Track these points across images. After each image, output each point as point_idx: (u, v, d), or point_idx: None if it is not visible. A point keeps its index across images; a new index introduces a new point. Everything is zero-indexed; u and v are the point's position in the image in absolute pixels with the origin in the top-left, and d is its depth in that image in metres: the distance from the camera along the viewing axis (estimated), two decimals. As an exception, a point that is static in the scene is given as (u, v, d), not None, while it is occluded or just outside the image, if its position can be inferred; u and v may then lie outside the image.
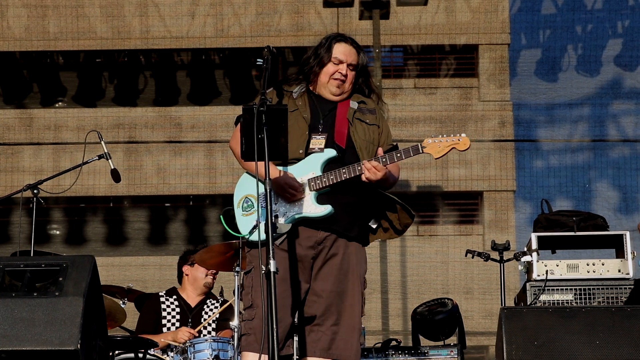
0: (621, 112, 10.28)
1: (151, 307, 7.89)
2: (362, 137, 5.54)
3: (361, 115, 5.61)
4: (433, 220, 10.45)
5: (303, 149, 5.47)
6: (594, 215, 7.61)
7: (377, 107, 5.70)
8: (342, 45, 5.64)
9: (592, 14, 10.31)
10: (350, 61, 5.61)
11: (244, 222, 5.49)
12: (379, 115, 5.67)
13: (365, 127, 5.59)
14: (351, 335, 5.50)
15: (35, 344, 4.98)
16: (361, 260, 5.63)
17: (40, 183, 7.17)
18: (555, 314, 6.24)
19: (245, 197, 5.53)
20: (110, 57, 10.67)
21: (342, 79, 5.59)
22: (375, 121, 5.62)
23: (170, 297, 7.94)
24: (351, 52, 5.63)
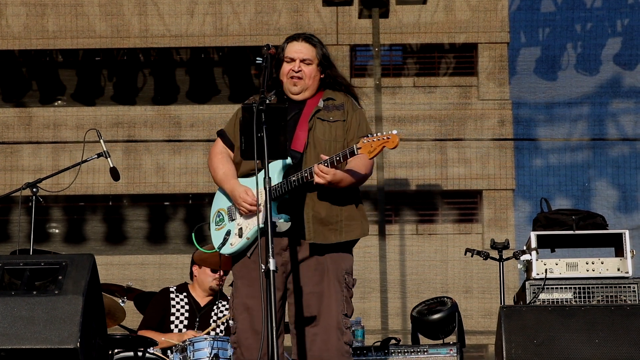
0: (620, 110, 10.28)
1: (160, 301, 7.85)
2: (321, 137, 5.58)
3: (325, 113, 5.64)
4: (432, 219, 10.44)
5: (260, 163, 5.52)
6: (593, 214, 7.61)
7: (346, 100, 5.71)
8: (293, 44, 5.71)
9: (591, 12, 10.30)
10: (303, 57, 5.66)
11: (215, 236, 5.66)
12: (348, 109, 5.68)
13: (327, 125, 5.62)
14: (330, 335, 5.51)
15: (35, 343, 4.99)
16: (337, 259, 5.62)
17: (40, 182, 7.17)
18: (554, 313, 6.25)
19: (217, 211, 5.69)
20: (109, 56, 10.66)
21: (297, 75, 5.64)
22: (340, 117, 5.64)
23: (181, 294, 7.90)
24: (303, 48, 5.69)
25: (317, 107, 5.66)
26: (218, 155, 5.77)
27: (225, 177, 5.67)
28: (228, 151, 5.77)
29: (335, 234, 5.59)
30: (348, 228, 5.61)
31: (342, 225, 5.60)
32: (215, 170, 5.73)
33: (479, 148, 10.25)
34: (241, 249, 5.58)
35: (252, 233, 5.53)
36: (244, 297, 5.56)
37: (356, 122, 5.68)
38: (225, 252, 5.64)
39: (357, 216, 5.64)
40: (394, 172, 10.26)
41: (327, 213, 5.57)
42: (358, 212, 5.66)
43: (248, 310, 5.53)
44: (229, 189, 5.61)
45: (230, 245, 5.61)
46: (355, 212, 5.64)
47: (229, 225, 5.64)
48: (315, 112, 5.66)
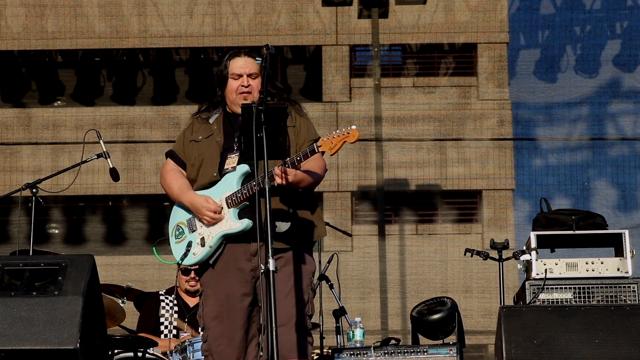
0: (620, 111, 10.28)
1: (152, 305, 7.90)
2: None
3: None
4: (432, 219, 10.44)
5: (216, 172, 5.61)
6: (593, 214, 7.61)
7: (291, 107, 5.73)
8: (236, 60, 5.73)
9: (590, 13, 10.31)
10: (249, 71, 5.69)
11: (176, 249, 5.71)
12: (295, 116, 5.72)
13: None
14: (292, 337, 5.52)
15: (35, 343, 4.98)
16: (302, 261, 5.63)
17: (39, 182, 7.17)
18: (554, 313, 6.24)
19: (176, 225, 5.76)
20: (108, 56, 10.67)
21: (247, 90, 5.67)
22: (290, 122, 5.64)
23: (170, 296, 7.95)
24: (247, 62, 5.71)
25: None
26: (170, 172, 5.80)
27: (181, 191, 5.70)
28: (180, 169, 5.80)
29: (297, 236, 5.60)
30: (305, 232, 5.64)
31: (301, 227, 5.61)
32: (170, 185, 5.76)
33: (479, 148, 10.25)
34: (204, 257, 5.62)
35: (215, 241, 5.58)
36: (214, 306, 5.59)
37: (305, 127, 5.72)
38: (187, 262, 5.70)
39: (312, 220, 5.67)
40: (394, 172, 10.26)
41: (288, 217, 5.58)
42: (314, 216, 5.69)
43: (218, 318, 5.57)
44: (188, 200, 5.65)
45: (193, 255, 5.65)
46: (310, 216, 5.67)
47: (190, 236, 5.68)
48: None
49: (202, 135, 5.71)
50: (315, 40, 10.50)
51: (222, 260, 5.59)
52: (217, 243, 5.58)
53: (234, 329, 5.50)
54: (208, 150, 5.65)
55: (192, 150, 5.70)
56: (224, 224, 5.55)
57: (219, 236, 5.56)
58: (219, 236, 5.56)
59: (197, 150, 5.69)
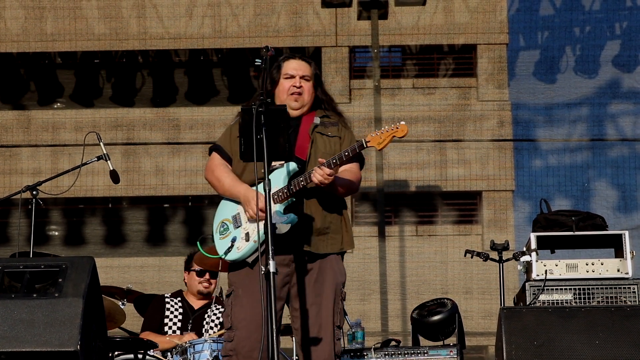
0: (619, 112, 10.28)
1: (156, 306, 7.91)
2: (322, 150, 5.72)
3: (323, 128, 5.79)
4: (432, 220, 10.44)
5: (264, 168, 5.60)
6: (593, 215, 7.61)
7: (339, 119, 5.87)
8: (291, 62, 5.85)
9: (590, 14, 10.31)
10: (302, 73, 5.80)
11: (220, 244, 5.74)
12: (341, 127, 5.85)
13: (326, 139, 5.78)
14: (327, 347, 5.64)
15: (35, 345, 4.99)
16: (337, 272, 5.78)
17: (39, 184, 7.17)
18: (554, 314, 6.25)
19: (221, 222, 5.78)
20: (108, 58, 10.66)
21: (298, 91, 5.77)
22: (337, 133, 5.80)
23: (175, 299, 7.95)
24: (301, 65, 5.84)
25: (314, 123, 5.80)
26: (220, 167, 5.83)
27: (234, 183, 5.75)
28: (227, 164, 5.83)
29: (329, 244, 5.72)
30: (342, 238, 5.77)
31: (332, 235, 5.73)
32: (220, 178, 5.79)
33: (479, 149, 10.25)
34: (248, 252, 5.64)
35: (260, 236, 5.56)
36: (244, 306, 5.60)
37: (348, 140, 5.82)
38: (230, 257, 5.71)
39: (345, 228, 5.79)
40: (394, 173, 10.26)
41: (322, 222, 5.69)
42: (345, 224, 5.80)
43: (247, 320, 5.58)
44: (243, 193, 5.66)
45: (237, 249, 5.67)
46: (343, 224, 5.79)
47: (235, 232, 5.71)
48: (314, 127, 5.79)
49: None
50: (315, 41, 10.50)
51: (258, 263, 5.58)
52: (262, 238, 5.54)
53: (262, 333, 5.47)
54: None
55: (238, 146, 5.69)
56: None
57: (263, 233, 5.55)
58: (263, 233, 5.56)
59: None
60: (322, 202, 5.69)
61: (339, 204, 5.77)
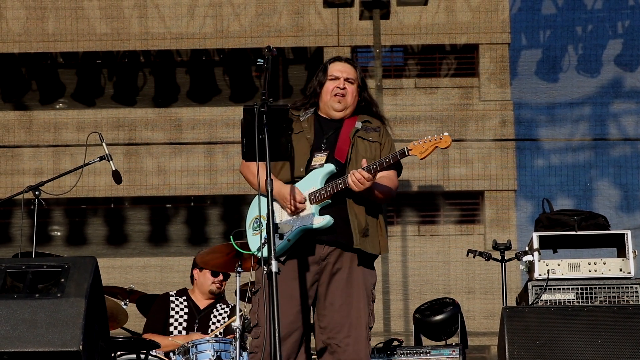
0: (622, 111, 10.27)
1: (161, 305, 7.88)
2: (362, 154, 5.75)
3: (364, 133, 5.83)
4: (434, 220, 10.43)
5: (304, 167, 5.72)
6: (595, 215, 7.60)
7: (381, 125, 5.92)
8: (336, 64, 5.91)
9: (592, 13, 10.30)
10: (347, 76, 5.85)
11: (253, 240, 5.73)
12: (383, 133, 5.90)
13: (367, 144, 5.81)
14: (361, 346, 5.66)
15: (37, 345, 4.99)
16: (368, 273, 5.81)
17: (42, 185, 7.17)
18: (557, 314, 6.25)
19: (255, 218, 5.77)
20: (110, 58, 10.66)
21: (342, 92, 5.82)
22: (377, 139, 5.85)
23: (180, 297, 7.92)
24: (346, 67, 5.89)
25: (356, 127, 5.84)
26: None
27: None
28: None
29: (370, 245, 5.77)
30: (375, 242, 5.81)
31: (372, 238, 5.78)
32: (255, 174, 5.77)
33: (481, 149, 10.24)
34: (281, 250, 5.65)
35: (293, 235, 5.60)
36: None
37: (388, 146, 5.87)
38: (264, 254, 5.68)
39: (381, 232, 5.84)
40: (396, 173, 10.25)
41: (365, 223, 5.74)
42: (381, 229, 5.85)
43: None
44: (277, 189, 5.64)
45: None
46: (379, 228, 5.84)
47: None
48: (355, 131, 5.83)
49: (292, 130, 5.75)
50: (317, 41, 10.49)
51: (291, 260, 5.62)
52: (295, 237, 5.61)
53: (289, 330, 5.53)
54: (297, 145, 5.74)
55: None
56: (305, 219, 5.60)
57: (299, 230, 5.60)
58: (298, 230, 5.60)
59: None
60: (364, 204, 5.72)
61: (376, 208, 5.82)
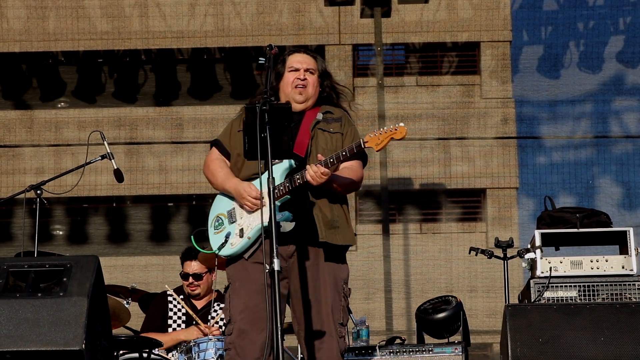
0: (624, 108, 10.27)
1: (158, 305, 7.88)
2: (322, 146, 5.67)
3: (325, 125, 5.74)
4: (436, 218, 10.43)
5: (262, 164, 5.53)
6: (598, 212, 7.59)
7: (343, 114, 5.83)
8: (295, 55, 5.82)
9: (593, 10, 10.30)
10: (307, 66, 5.77)
11: (214, 239, 5.71)
12: (345, 122, 5.80)
13: (328, 136, 5.72)
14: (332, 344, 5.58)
15: (40, 345, 4.99)
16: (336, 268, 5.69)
17: (43, 184, 7.16)
18: (559, 311, 6.25)
19: (216, 216, 5.76)
20: (111, 57, 10.66)
21: (302, 84, 5.74)
22: (339, 129, 5.75)
23: (178, 297, 7.92)
24: (305, 58, 5.81)
25: (316, 119, 5.75)
26: (215, 161, 5.82)
27: (227, 177, 5.73)
28: (224, 159, 5.81)
29: (340, 237, 5.66)
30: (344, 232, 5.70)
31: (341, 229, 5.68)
32: (214, 173, 5.78)
33: (482, 146, 10.24)
34: (242, 249, 5.60)
35: (253, 232, 5.56)
36: (242, 299, 5.57)
37: (351, 137, 5.77)
38: (224, 253, 5.68)
39: (348, 223, 5.74)
40: (397, 170, 10.26)
41: (331, 215, 5.65)
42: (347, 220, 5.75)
43: (245, 312, 5.55)
44: (233, 186, 5.66)
45: (231, 245, 5.64)
46: (346, 219, 5.74)
47: (229, 227, 5.67)
48: (315, 123, 5.75)
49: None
50: (318, 39, 10.49)
51: (256, 256, 5.57)
52: (255, 235, 5.55)
53: (260, 326, 5.46)
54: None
55: (239, 141, 5.67)
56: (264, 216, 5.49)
57: (258, 227, 5.53)
58: (258, 227, 5.54)
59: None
60: (329, 196, 5.65)
61: (341, 199, 5.73)
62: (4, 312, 5.04)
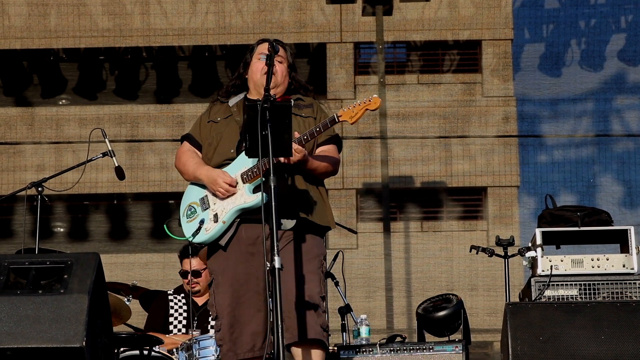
0: (625, 106, 10.27)
1: (160, 305, 7.87)
2: (295, 129, 5.53)
3: (297, 110, 5.65)
4: (437, 216, 10.43)
5: (234, 149, 5.60)
6: (599, 210, 7.58)
7: (314, 102, 5.79)
8: (265, 44, 5.73)
9: (595, 8, 10.30)
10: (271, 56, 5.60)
11: (187, 228, 5.67)
12: (317, 109, 5.76)
13: (300, 120, 5.66)
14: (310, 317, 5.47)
15: (41, 342, 4.98)
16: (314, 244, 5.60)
17: (45, 181, 7.16)
18: (560, 309, 6.24)
19: (188, 205, 5.72)
20: (112, 54, 10.66)
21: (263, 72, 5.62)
22: (311, 114, 5.70)
23: (178, 296, 7.92)
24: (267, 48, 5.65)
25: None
26: (186, 153, 5.81)
27: (198, 166, 5.69)
28: (195, 150, 5.80)
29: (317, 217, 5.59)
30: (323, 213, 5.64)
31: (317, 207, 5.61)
32: (185, 164, 5.76)
33: (484, 145, 10.24)
34: (217, 233, 5.56)
35: (228, 216, 5.52)
36: (226, 293, 5.55)
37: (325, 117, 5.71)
38: (198, 240, 5.63)
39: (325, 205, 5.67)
40: (398, 168, 10.25)
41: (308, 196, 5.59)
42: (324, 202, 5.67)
43: (232, 305, 5.52)
44: (205, 174, 5.62)
45: (205, 231, 5.59)
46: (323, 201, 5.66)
47: (202, 214, 5.64)
48: None
49: (220, 116, 5.72)
50: (320, 37, 10.50)
51: (233, 244, 5.54)
52: (230, 218, 5.52)
53: (249, 314, 5.46)
54: (227, 129, 5.66)
55: (209, 131, 5.69)
56: (239, 199, 5.50)
57: (233, 211, 5.51)
58: (233, 211, 5.51)
59: (215, 130, 5.69)
60: (306, 178, 5.60)
61: (317, 181, 5.67)
62: (4, 309, 5.04)
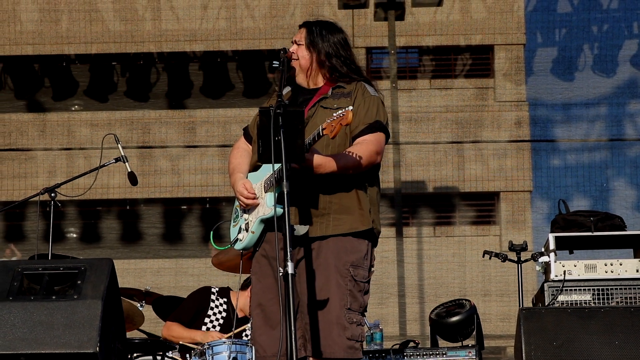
0: (638, 111, 10.25)
1: (198, 299, 7.55)
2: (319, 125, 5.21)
3: (331, 101, 5.39)
4: (450, 221, 10.42)
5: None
6: (612, 215, 7.57)
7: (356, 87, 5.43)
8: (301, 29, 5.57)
9: (607, 13, 10.29)
10: (297, 39, 5.49)
11: (232, 232, 5.52)
12: (356, 95, 5.39)
13: (329, 112, 5.27)
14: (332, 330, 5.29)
15: (54, 347, 4.99)
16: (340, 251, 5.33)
17: (58, 186, 7.16)
18: (573, 315, 6.23)
19: (235, 207, 5.54)
20: (124, 58, 10.68)
21: (293, 57, 5.44)
22: (347, 104, 5.28)
23: (221, 299, 7.68)
24: (299, 32, 5.53)
25: (324, 95, 5.42)
26: (235, 150, 5.65)
27: (232, 172, 5.51)
28: (247, 146, 5.67)
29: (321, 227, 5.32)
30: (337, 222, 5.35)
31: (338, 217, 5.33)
32: (229, 163, 5.65)
33: (496, 149, 10.23)
34: (249, 243, 5.46)
35: (255, 226, 5.43)
36: (257, 294, 5.52)
37: (364, 108, 5.39)
38: (237, 247, 5.55)
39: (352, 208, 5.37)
40: (411, 173, 10.24)
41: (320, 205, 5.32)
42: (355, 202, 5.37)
43: (261, 307, 5.50)
44: (232, 183, 5.46)
45: (240, 240, 5.53)
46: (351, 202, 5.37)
47: (241, 220, 5.49)
48: (320, 99, 5.42)
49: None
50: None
51: (263, 248, 5.42)
52: (257, 229, 5.36)
53: (276, 318, 5.32)
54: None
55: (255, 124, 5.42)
56: (260, 209, 5.33)
57: (258, 221, 5.35)
58: (257, 221, 5.35)
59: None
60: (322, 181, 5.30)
61: (346, 182, 5.33)
62: (18, 315, 5.05)
